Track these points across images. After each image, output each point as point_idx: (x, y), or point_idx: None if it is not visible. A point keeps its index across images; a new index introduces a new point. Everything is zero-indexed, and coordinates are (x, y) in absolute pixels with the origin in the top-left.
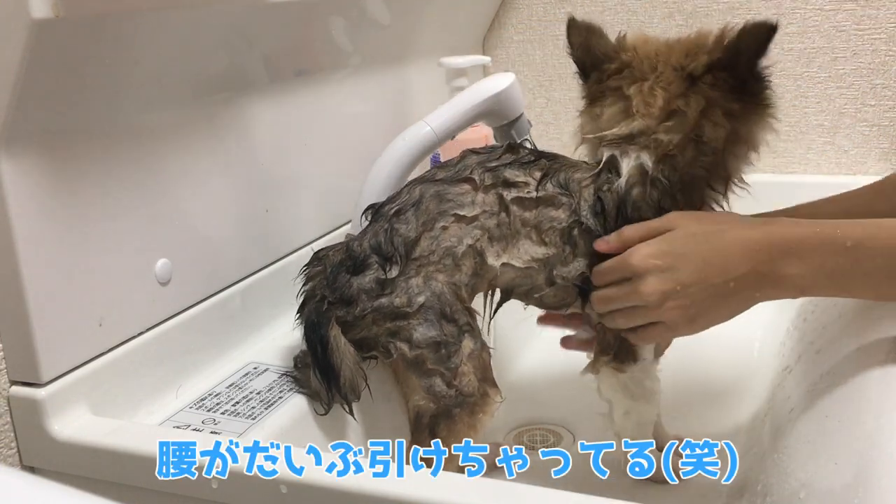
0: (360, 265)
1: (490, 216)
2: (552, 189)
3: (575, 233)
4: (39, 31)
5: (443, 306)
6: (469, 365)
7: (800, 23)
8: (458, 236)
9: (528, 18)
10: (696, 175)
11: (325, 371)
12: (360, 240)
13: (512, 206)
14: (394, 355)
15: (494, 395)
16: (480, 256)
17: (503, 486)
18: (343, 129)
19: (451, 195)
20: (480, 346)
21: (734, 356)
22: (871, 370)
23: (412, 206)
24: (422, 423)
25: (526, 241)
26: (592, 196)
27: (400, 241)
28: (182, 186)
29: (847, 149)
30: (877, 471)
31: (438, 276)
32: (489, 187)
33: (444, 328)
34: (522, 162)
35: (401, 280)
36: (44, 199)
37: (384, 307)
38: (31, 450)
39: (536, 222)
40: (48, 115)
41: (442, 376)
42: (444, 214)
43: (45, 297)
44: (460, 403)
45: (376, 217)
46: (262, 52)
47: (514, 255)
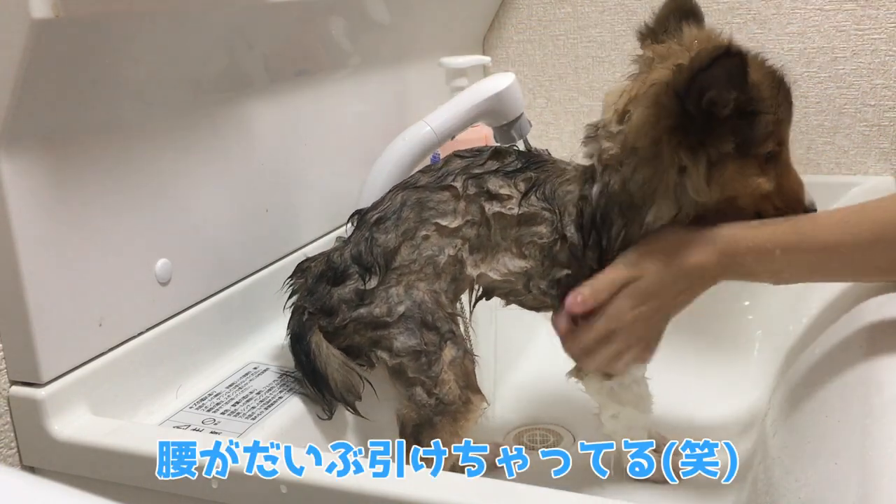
0: (340, 276)
1: (471, 226)
2: (536, 204)
3: (556, 247)
4: (39, 31)
5: (423, 315)
6: (450, 373)
7: (800, 23)
8: (438, 246)
9: (528, 18)
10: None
11: (313, 377)
12: (342, 249)
13: (492, 221)
14: (375, 365)
15: (478, 402)
16: (460, 264)
17: (503, 486)
18: (343, 129)
19: (433, 203)
20: (462, 353)
21: (734, 356)
22: (871, 370)
23: (393, 214)
24: (406, 431)
25: (506, 254)
26: (576, 209)
27: (379, 252)
28: (182, 186)
29: (847, 149)
30: (877, 471)
31: (419, 284)
32: (471, 197)
33: (424, 337)
34: (507, 171)
35: (381, 290)
36: (44, 199)
37: (364, 317)
38: (31, 450)
39: (517, 236)
40: (48, 115)
41: (423, 385)
42: (426, 223)
43: (45, 297)
44: (441, 412)
45: (360, 224)
46: (262, 52)
47: (492, 266)
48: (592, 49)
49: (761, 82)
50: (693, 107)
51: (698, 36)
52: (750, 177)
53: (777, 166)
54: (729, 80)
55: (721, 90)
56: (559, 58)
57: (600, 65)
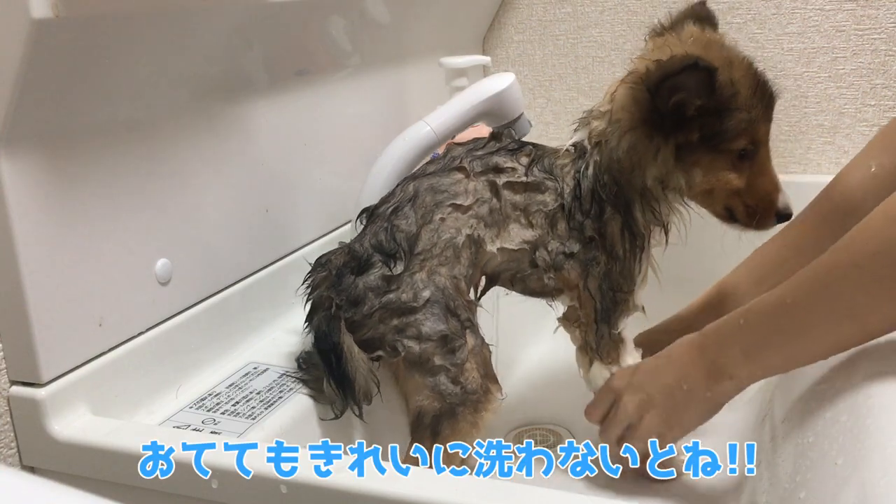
0: (364, 265)
1: (482, 203)
2: (539, 174)
3: (558, 215)
4: (39, 31)
5: (447, 300)
6: (472, 361)
7: (800, 23)
8: (456, 227)
9: (528, 18)
10: (623, 163)
11: (341, 380)
12: (361, 241)
13: (504, 191)
14: (401, 353)
15: (496, 392)
16: (477, 245)
17: (503, 486)
18: (343, 129)
19: (445, 185)
20: (481, 342)
21: None
22: (872, 371)
23: (409, 202)
24: (423, 422)
25: (515, 224)
26: (573, 181)
27: (402, 237)
28: (182, 186)
29: (847, 149)
30: (877, 471)
31: (441, 269)
32: (480, 174)
33: (449, 322)
34: (508, 149)
35: (406, 275)
36: (44, 199)
37: (392, 303)
38: (31, 450)
39: (525, 206)
40: (48, 115)
41: (447, 372)
42: (441, 205)
43: (45, 297)
44: (464, 401)
45: (373, 219)
46: (263, 52)
47: (506, 239)
48: (592, 49)
49: (740, 81)
50: (661, 105)
51: (695, 34)
52: (721, 171)
53: (752, 165)
54: (696, 88)
55: (688, 95)
56: (559, 58)
57: (600, 65)
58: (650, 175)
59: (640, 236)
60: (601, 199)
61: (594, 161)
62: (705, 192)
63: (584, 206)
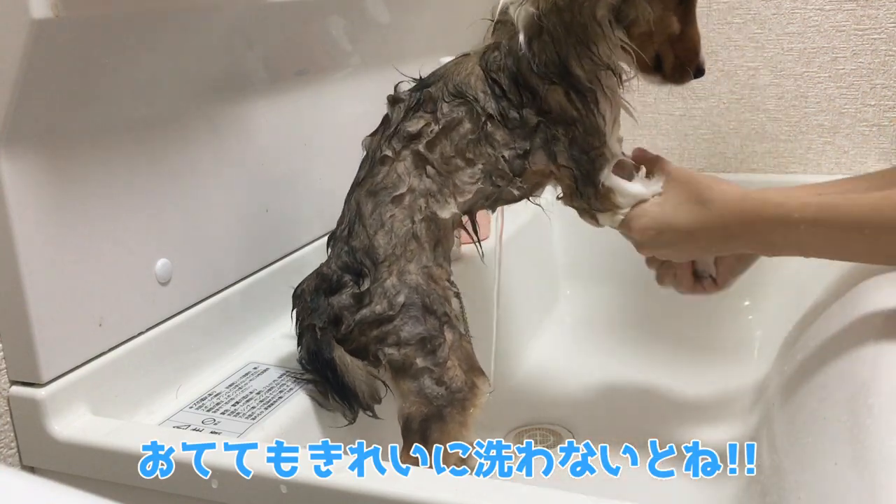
0: (335, 286)
1: (416, 177)
2: (448, 108)
3: (489, 128)
4: (39, 31)
5: (422, 297)
6: (453, 358)
7: (800, 23)
8: (408, 216)
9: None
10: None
11: (342, 392)
12: (329, 264)
13: (429, 154)
14: (382, 362)
15: (483, 385)
16: (433, 221)
17: (503, 486)
18: (343, 129)
19: (379, 184)
20: (459, 336)
21: (734, 356)
22: (872, 372)
23: (357, 219)
24: (412, 428)
25: (458, 173)
26: (485, 84)
27: (362, 255)
28: (182, 186)
29: (847, 149)
30: (877, 471)
31: (409, 266)
32: (402, 150)
33: (427, 322)
34: (410, 108)
35: (376, 287)
36: (44, 199)
37: (367, 318)
38: (31, 450)
39: (455, 150)
40: (48, 115)
41: (430, 374)
42: (383, 204)
43: (45, 297)
44: (451, 402)
45: (333, 242)
46: (263, 52)
47: (457, 193)
48: None
49: None
50: None
51: None
52: (666, 12)
53: (687, 14)
54: None
55: None
56: None
57: None
58: (604, 4)
59: (590, 91)
60: (529, 84)
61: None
62: (644, 35)
63: (515, 100)
